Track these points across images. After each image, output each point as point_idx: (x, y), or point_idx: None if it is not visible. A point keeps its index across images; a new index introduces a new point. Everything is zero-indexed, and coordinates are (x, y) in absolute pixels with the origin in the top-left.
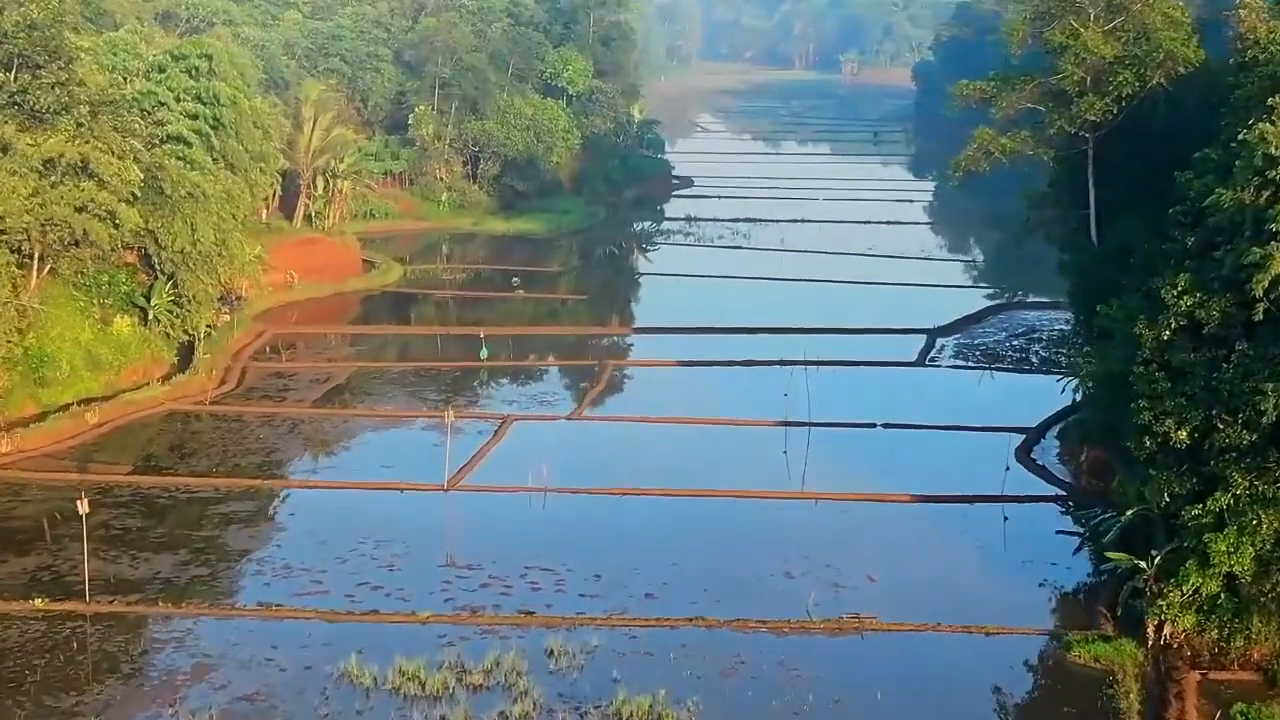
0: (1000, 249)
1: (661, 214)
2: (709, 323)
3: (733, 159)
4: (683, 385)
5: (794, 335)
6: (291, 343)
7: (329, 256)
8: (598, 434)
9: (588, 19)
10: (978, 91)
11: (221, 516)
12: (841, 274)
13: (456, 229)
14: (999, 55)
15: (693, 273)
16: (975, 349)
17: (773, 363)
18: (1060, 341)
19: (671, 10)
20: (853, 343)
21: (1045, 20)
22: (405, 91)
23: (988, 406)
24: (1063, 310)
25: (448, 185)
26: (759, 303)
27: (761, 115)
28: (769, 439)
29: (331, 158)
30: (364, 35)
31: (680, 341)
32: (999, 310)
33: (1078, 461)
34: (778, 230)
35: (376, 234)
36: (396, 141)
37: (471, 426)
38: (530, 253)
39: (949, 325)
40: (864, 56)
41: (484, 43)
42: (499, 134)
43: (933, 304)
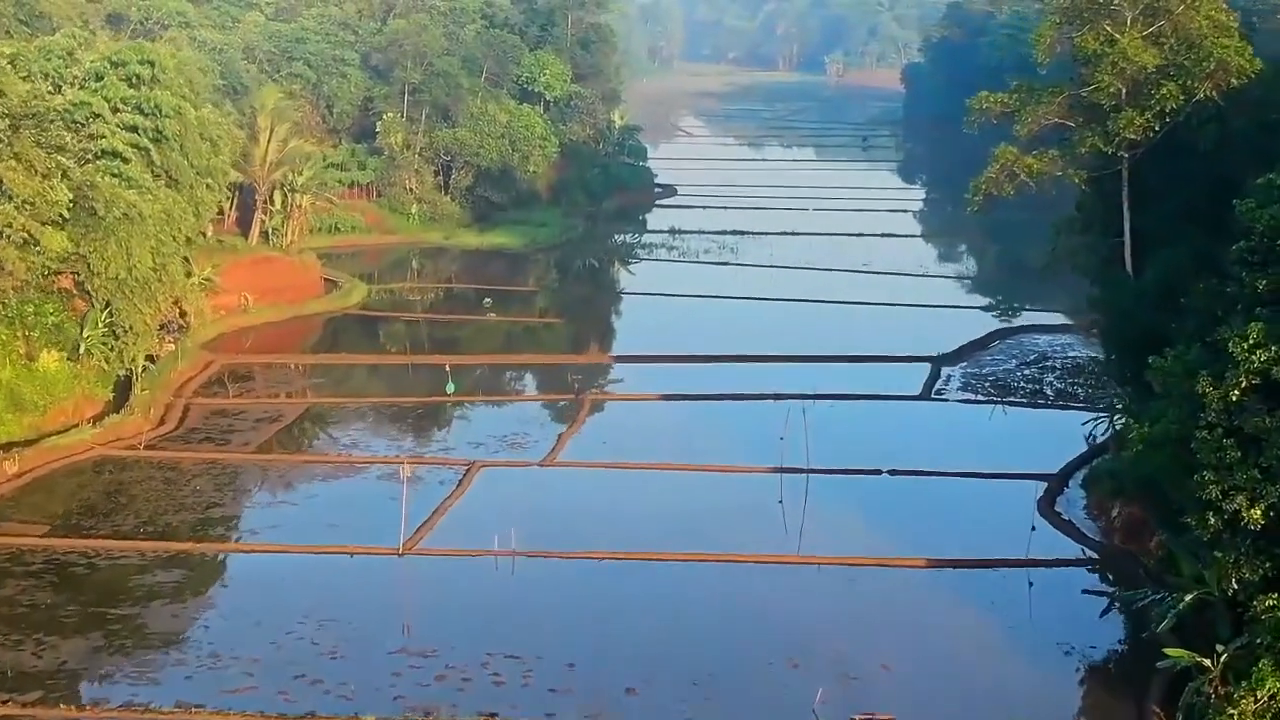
0: (1000, 261)
1: (643, 225)
2: (695, 349)
3: (717, 165)
4: (667, 422)
5: (787, 364)
6: (243, 373)
7: (287, 276)
8: (574, 483)
9: (566, 21)
10: (999, 104)
11: (145, 589)
12: (835, 293)
13: (427, 243)
14: (993, 58)
15: (677, 292)
16: (984, 379)
17: (765, 396)
18: (1075, 371)
19: (653, 11)
20: (851, 372)
21: (1075, 24)
22: (373, 97)
23: (1002, 447)
24: (1074, 335)
25: (418, 197)
26: (748, 325)
27: (746, 118)
28: (763, 487)
29: (289, 170)
30: (330, 38)
31: (664, 371)
32: (1007, 335)
33: (1108, 517)
34: (766, 243)
35: (342, 249)
36: (364, 150)
37: (433, 474)
38: (504, 269)
39: (955, 353)
40: (849, 58)
41: (456, 46)
42: (472, 142)
43: (934, 326)
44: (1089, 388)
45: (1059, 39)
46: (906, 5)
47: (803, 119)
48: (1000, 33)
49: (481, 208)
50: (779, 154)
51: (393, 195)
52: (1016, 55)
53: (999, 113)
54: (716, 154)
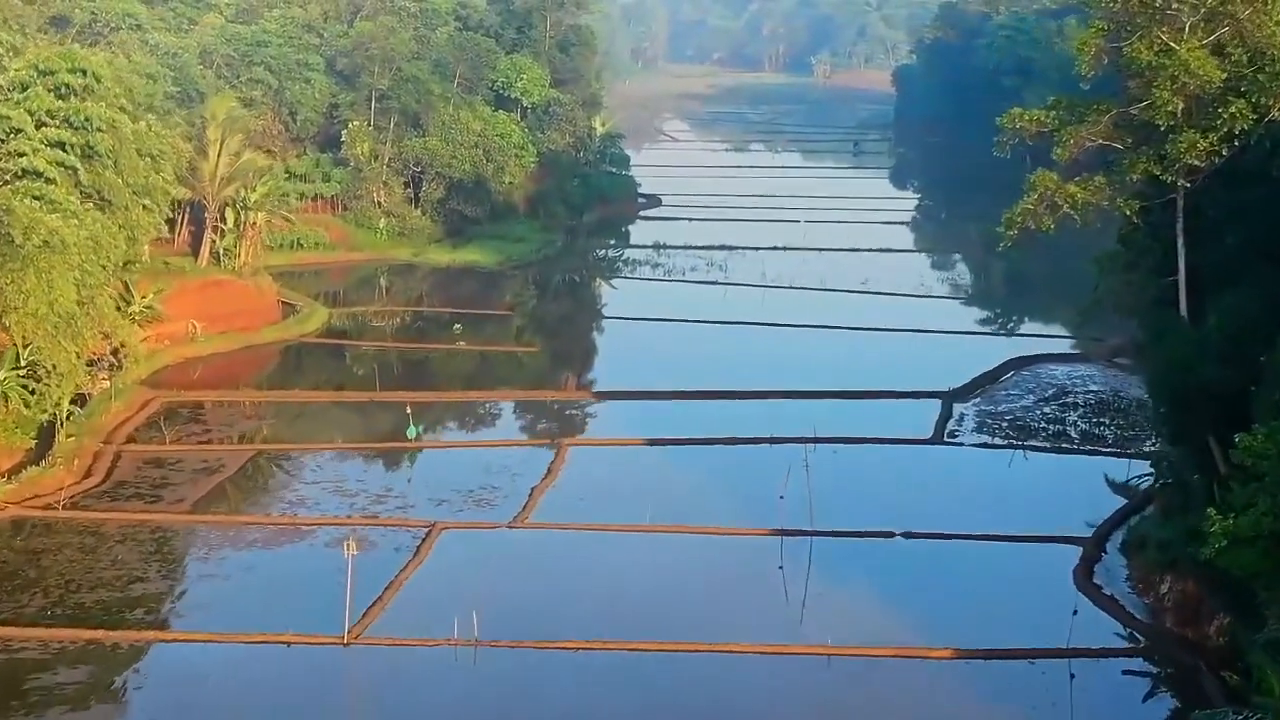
0: (1004, 278)
1: (626, 238)
2: (683, 382)
3: (703, 173)
4: (653, 473)
5: (784, 400)
6: (186, 413)
7: (239, 301)
8: (546, 549)
9: (544, 23)
10: (1034, 122)
11: (42, 693)
12: (833, 316)
13: (395, 260)
14: (990, 60)
15: (662, 315)
16: (1001, 419)
17: (761, 440)
18: (1100, 409)
19: (636, 11)
20: (854, 410)
21: (1125, 32)
22: (339, 104)
23: (1026, 501)
24: (1094, 365)
25: (386, 210)
26: (740, 354)
27: (732, 121)
28: (761, 551)
29: (242, 186)
30: (293, 41)
31: (649, 409)
32: (1021, 365)
33: (1157, 593)
34: (757, 259)
35: (304, 267)
36: (329, 160)
37: (389, 539)
38: (477, 288)
39: (966, 387)
40: (837, 59)
41: (426, 50)
42: (443, 152)
43: (941, 354)
44: (1117, 428)
45: (1105, 49)
46: (895, 5)
47: (790, 122)
48: (999, 34)
49: (454, 222)
50: (767, 159)
51: (359, 209)
52: (1015, 58)
53: (1034, 132)
54: (702, 160)
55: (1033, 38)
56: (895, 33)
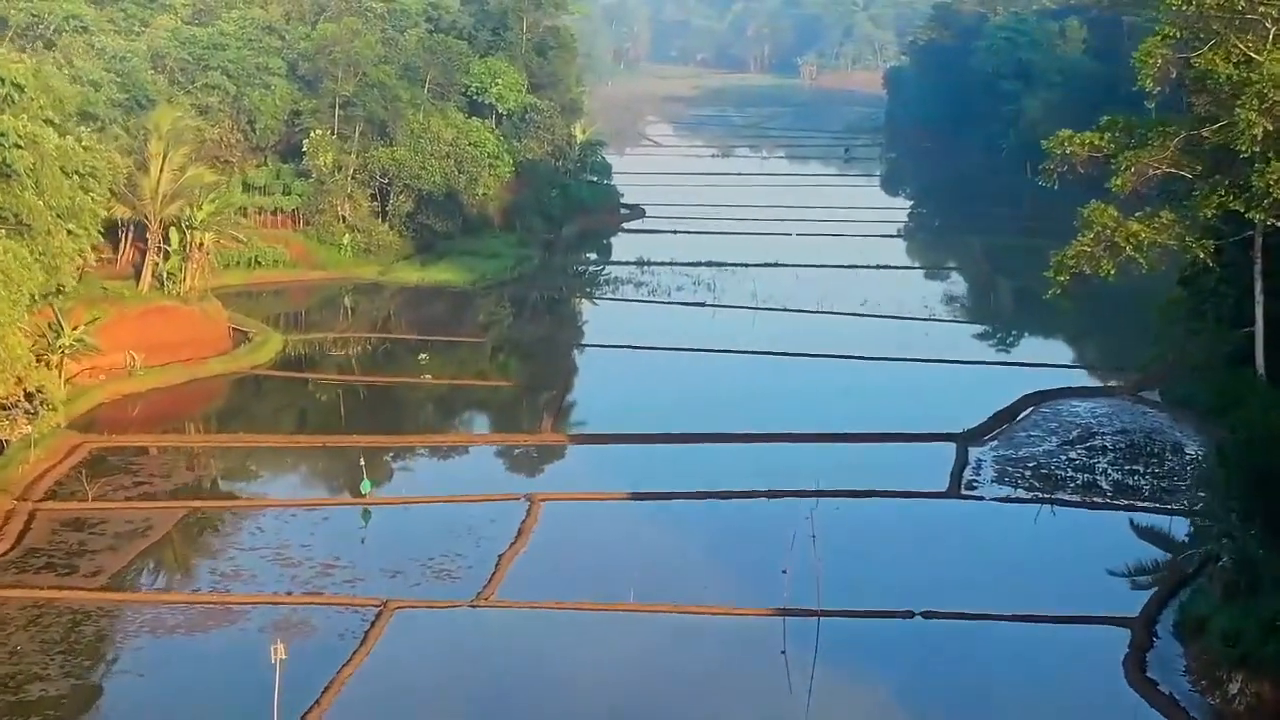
0: (1010, 296)
1: (608, 251)
2: (670, 421)
3: (688, 180)
4: (637, 535)
5: (781, 444)
6: (116, 461)
7: (184, 330)
8: (515, 635)
9: (520, 24)
10: (1085, 147)
11: None
12: (830, 343)
13: (360, 279)
14: (988, 63)
15: (647, 343)
16: (1022, 466)
17: (758, 494)
18: (1132, 454)
19: (618, 11)
20: (859, 455)
21: (1199, 41)
22: (301, 111)
23: (1059, 567)
24: (1119, 400)
25: (350, 225)
26: (732, 388)
27: (716, 124)
28: (761, 636)
29: (187, 204)
30: (252, 44)
31: (633, 455)
32: (1039, 401)
33: (1224, 694)
34: (747, 277)
35: (263, 286)
36: (290, 171)
37: (333, 622)
38: (447, 310)
39: (982, 427)
40: (823, 59)
41: (395, 53)
42: (412, 163)
43: (950, 387)
44: (1152, 477)
45: (1173, 60)
46: (882, 5)
47: (777, 125)
48: (998, 36)
49: (424, 237)
50: (754, 166)
51: (321, 224)
52: (1015, 61)
53: (1086, 157)
54: (686, 166)
55: (1033, 39)
56: (883, 33)
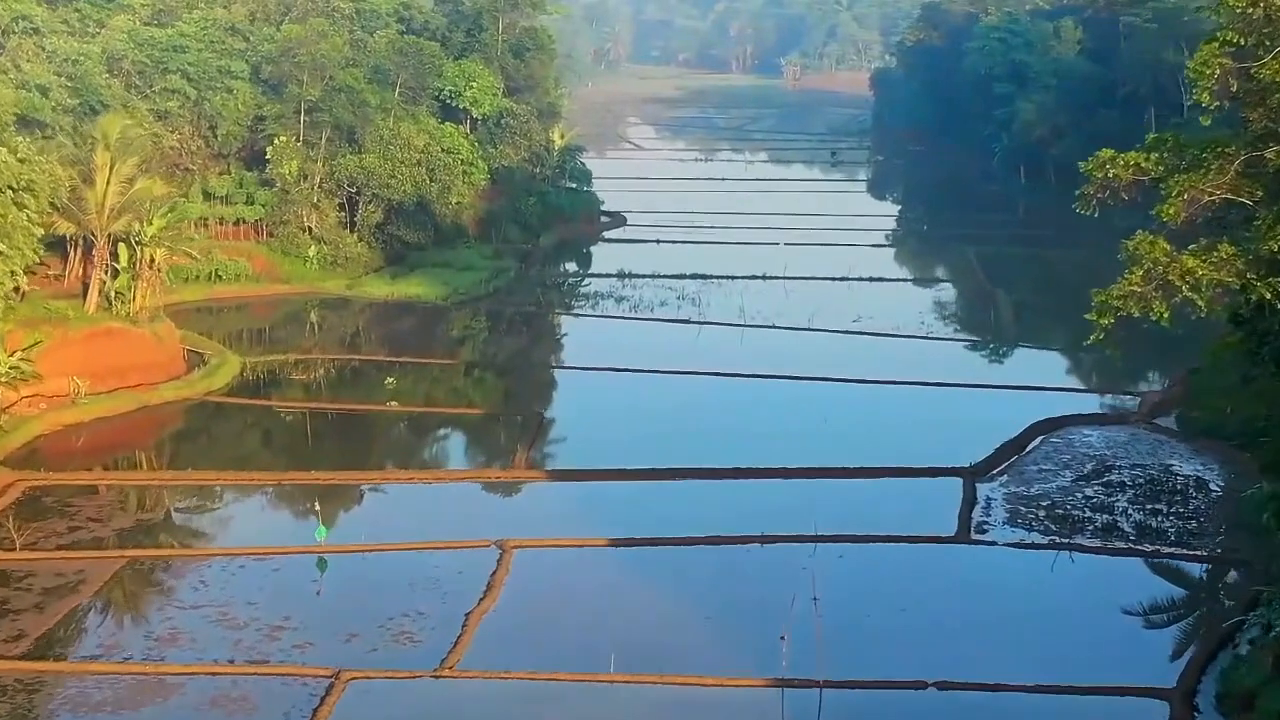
0: (1010, 308)
1: (588, 262)
2: (652, 453)
3: (670, 186)
4: (618, 589)
5: (774, 480)
6: (51, 501)
7: (134, 353)
8: (480, 711)
9: (496, 25)
10: (1130, 169)
11: None
12: (822, 364)
13: (326, 294)
14: (980, 65)
15: (628, 365)
16: (1035, 505)
17: (750, 540)
18: (1152, 491)
19: (599, 10)
20: (858, 493)
21: (1263, 49)
22: (265, 116)
23: (1086, 628)
24: (1132, 429)
25: (317, 237)
26: (720, 415)
27: (700, 128)
28: (758, 712)
29: (135, 219)
30: (214, 46)
31: (613, 494)
32: (1048, 430)
33: None
34: (733, 290)
35: (224, 302)
36: (254, 180)
37: (278, 697)
38: (417, 328)
39: (990, 460)
40: (807, 60)
41: (363, 55)
42: (381, 171)
43: (952, 412)
44: (1176, 517)
45: (1232, 70)
46: (867, 4)
47: (761, 128)
48: (990, 37)
49: (394, 248)
50: (738, 170)
51: (286, 235)
52: (1010, 63)
53: (1129, 180)
54: (669, 171)
55: (1027, 40)
56: (868, 33)
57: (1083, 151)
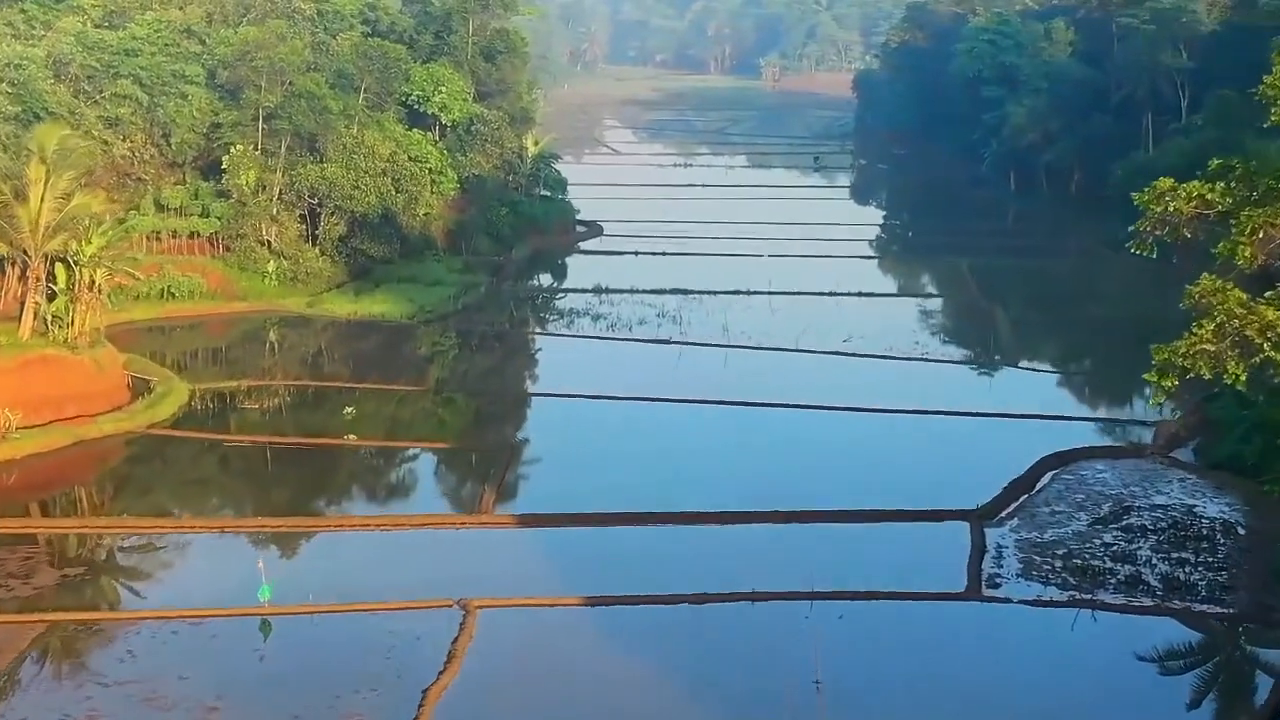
0: (1015, 329)
1: (563, 274)
2: (631, 497)
3: (649, 193)
4: (592, 657)
5: (762, 525)
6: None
7: (72, 382)
8: None
9: (466, 27)
10: (1194, 203)
11: None
12: (812, 390)
13: (286, 311)
14: (969, 68)
15: (605, 391)
16: (1050, 553)
17: (739, 597)
18: (1176, 536)
19: (575, 10)
20: (856, 540)
21: None
22: (221, 124)
23: (1119, 706)
24: (1148, 463)
25: (276, 251)
26: (702, 449)
27: (678, 131)
28: None
29: (72, 237)
30: (168, 49)
31: (588, 541)
32: (1059, 465)
33: None
34: (715, 307)
35: (176, 321)
36: (210, 191)
37: None
38: (381, 349)
39: (998, 501)
40: (786, 61)
41: (325, 59)
42: (344, 182)
43: (954, 444)
44: (1205, 568)
45: None
46: (847, 4)
47: (740, 131)
48: (979, 38)
49: (359, 262)
50: (718, 176)
51: (243, 249)
52: (999, 66)
53: (1191, 214)
54: (647, 177)
55: (1017, 42)
56: (848, 33)
57: (1075, 157)
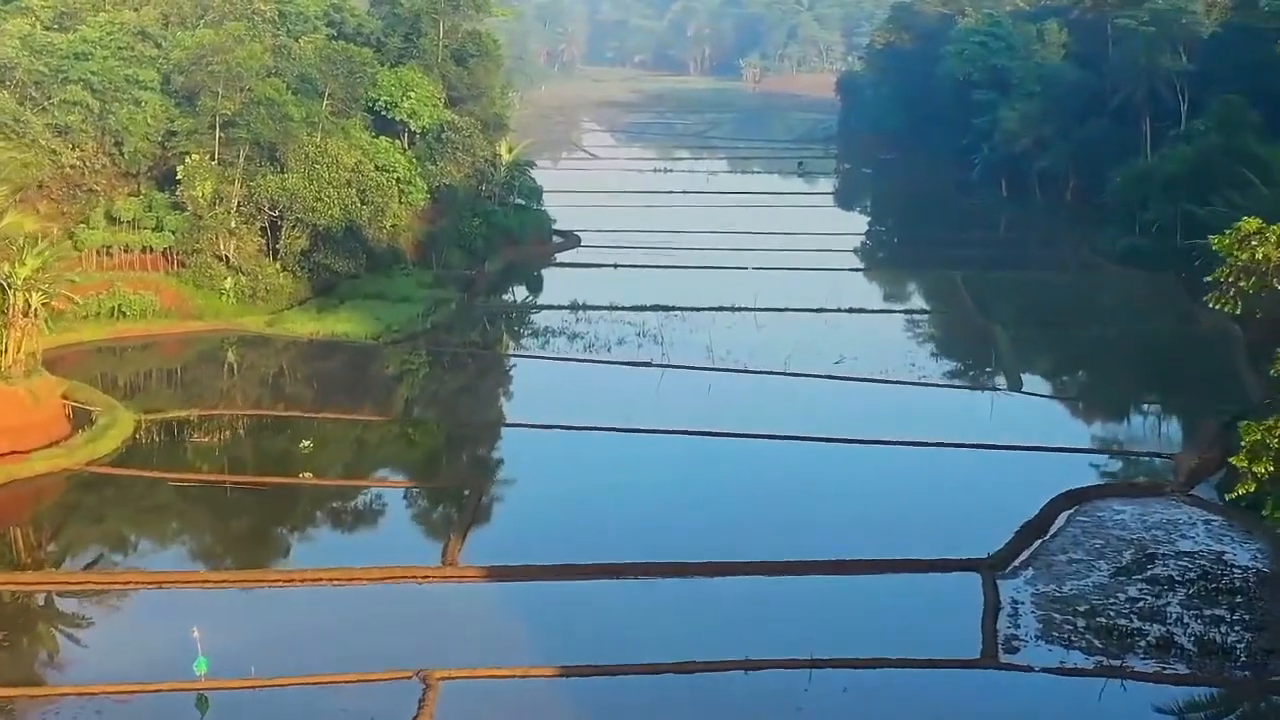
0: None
1: (539, 285)
2: (608, 544)
3: (628, 200)
4: None
5: (752, 577)
6: None
7: (4, 415)
8: None
9: (436, 29)
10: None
11: None
12: (802, 419)
13: (244, 331)
14: (959, 70)
15: (582, 421)
16: (1071, 609)
17: (730, 666)
18: (1208, 589)
19: (552, 10)
20: (857, 595)
21: None
22: (177, 131)
23: None
24: (1169, 502)
25: (234, 267)
26: (684, 484)
27: (657, 133)
28: None
29: (4, 259)
30: (121, 52)
31: (563, 597)
32: (1072, 504)
33: None
34: (699, 325)
35: (127, 341)
36: (165, 202)
37: None
38: (344, 373)
39: (1010, 548)
40: (767, 62)
41: (288, 63)
42: (306, 193)
43: (955, 477)
44: (1243, 627)
45: None
46: (828, 4)
47: (721, 134)
48: (970, 40)
49: (323, 277)
50: (699, 182)
51: (199, 265)
52: (990, 69)
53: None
54: (626, 183)
55: (1009, 44)
56: (829, 34)
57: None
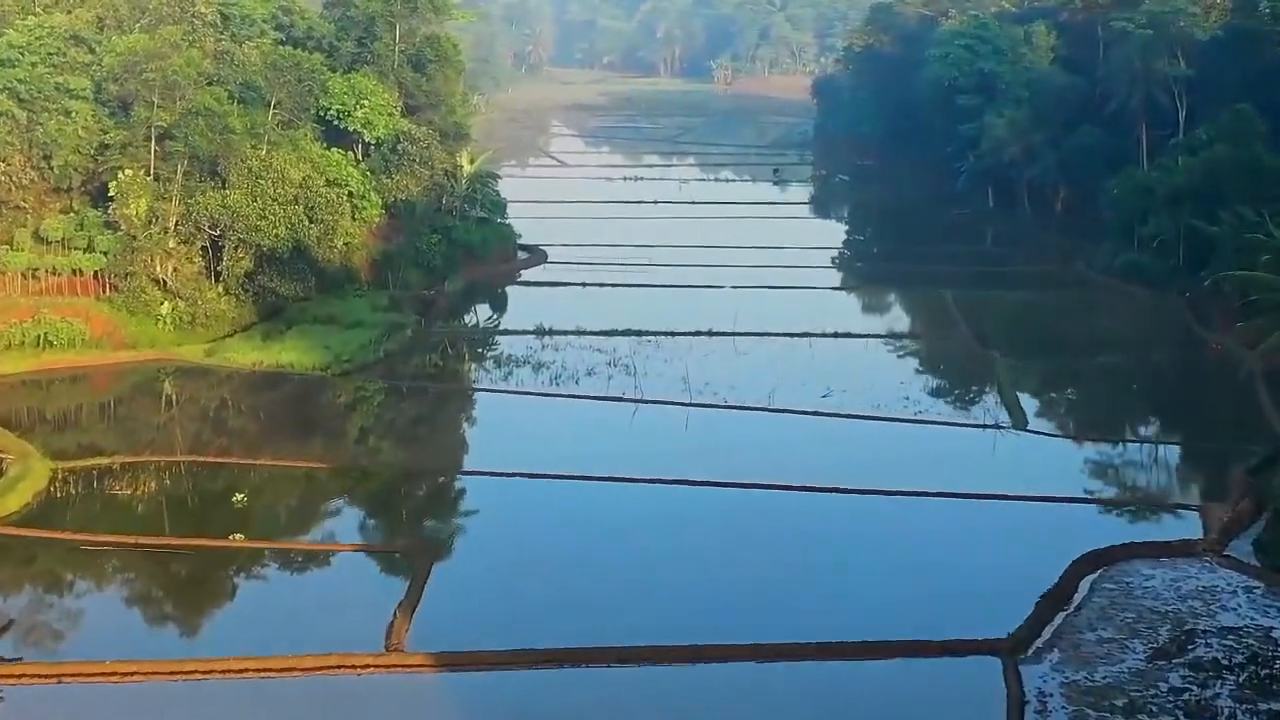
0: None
1: (503, 306)
2: (577, 623)
3: (597, 211)
4: None
5: (736, 663)
6: None
7: None
8: None
9: (392, 33)
10: None
11: None
12: (790, 465)
13: (182, 361)
14: (944, 74)
15: (546, 469)
16: (1107, 703)
17: None
18: (1260, 674)
19: (519, 10)
20: (858, 685)
21: None
22: (110, 144)
23: None
24: (1202, 565)
25: (172, 291)
26: (662, 551)
27: (627, 137)
28: None
29: None
30: (51, 58)
31: (524, 690)
32: (1096, 568)
33: None
34: (675, 352)
35: (54, 374)
36: (98, 221)
37: None
38: (286, 411)
39: (1031, 624)
40: (738, 63)
41: (230, 70)
42: (249, 211)
43: (961, 533)
44: None
45: None
46: (800, 4)
47: (693, 138)
48: (954, 43)
49: (270, 301)
50: (671, 190)
51: (133, 289)
52: (977, 74)
53: None
54: (595, 192)
55: (996, 48)
56: (802, 35)
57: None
